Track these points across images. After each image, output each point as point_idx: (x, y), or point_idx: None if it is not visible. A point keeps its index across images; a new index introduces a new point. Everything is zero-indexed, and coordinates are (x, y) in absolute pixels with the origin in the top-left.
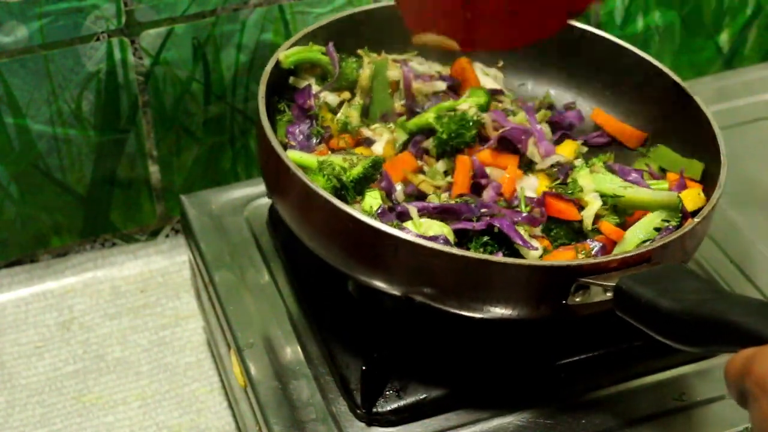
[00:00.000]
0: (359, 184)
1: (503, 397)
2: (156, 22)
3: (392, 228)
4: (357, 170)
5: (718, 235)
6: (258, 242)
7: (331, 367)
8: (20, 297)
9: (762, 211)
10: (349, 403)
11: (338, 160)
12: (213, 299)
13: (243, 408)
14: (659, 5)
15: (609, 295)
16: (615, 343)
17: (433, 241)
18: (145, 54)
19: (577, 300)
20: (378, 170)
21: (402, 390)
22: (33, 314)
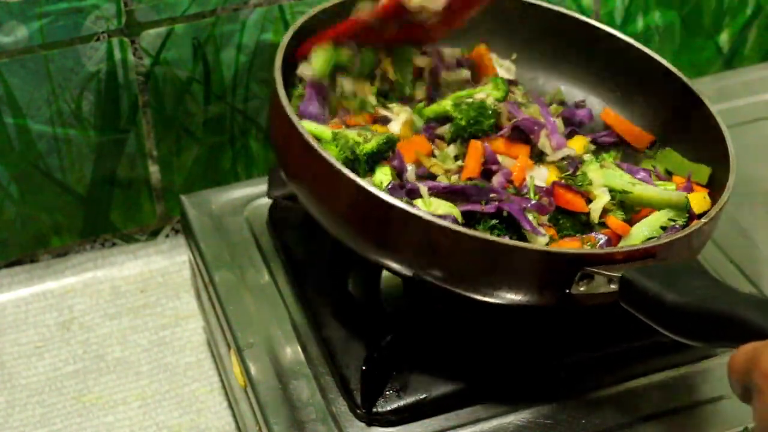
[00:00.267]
0: (371, 159)
1: (503, 397)
2: (156, 22)
3: (403, 203)
4: (371, 145)
5: (719, 236)
6: (258, 242)
7: (331, 367)
8: (20, 297)
9: (762, 211)
10: (349, 403)
11: (353, 134)
12: (213, 299)
13: (243, 408)
14: (659, 5)
15: (613, 287)
16: (615, 343)
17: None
18: (145, 54)
19: (581, 289)
20: (391, 148)
21: (402, 390)
22: (33, 314)
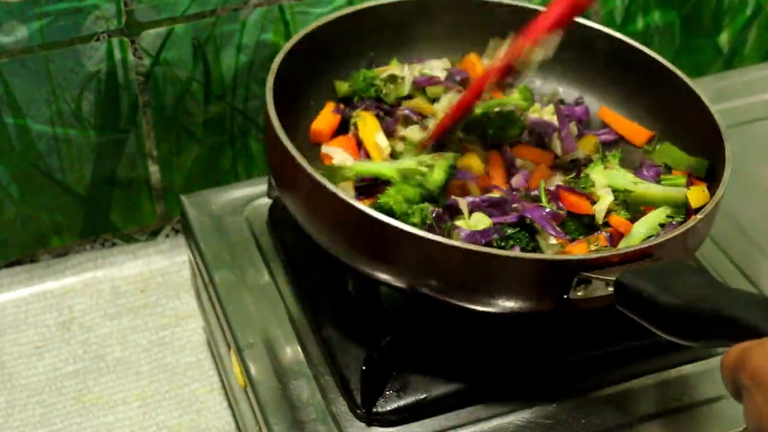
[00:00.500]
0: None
1: (503, 397)
2: (156, 22)
3: (395, 221)
4: (439, 176)
5: (718, 235)
6: (258, 242)
7: (331, 367)
8: (20, 297)
9: (762, 211)
10: (349, 403)
11: (412, 165)
12: (213, 299)
13: (243, 408)
14: (659, 5)
15: (610, 290)
16: (615, 343)
17: (484, 236)
18: (145, 54)
19: (579, 294)
20: (455, 171)
21: (402, 390)
22: (33, 314)
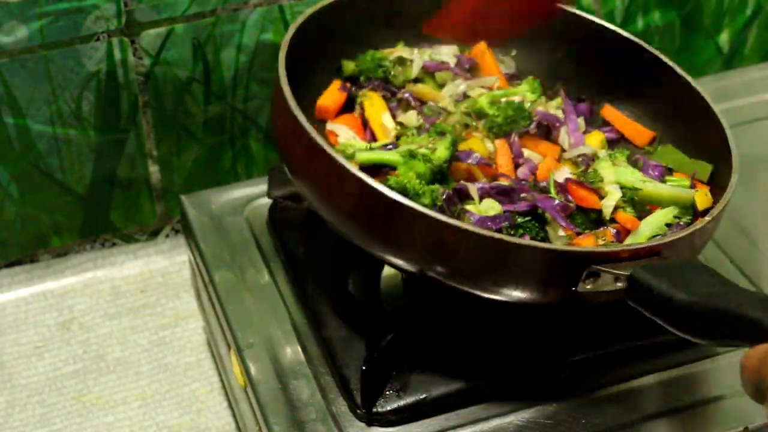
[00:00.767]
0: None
1: (503, 397)
2: (156, 22)
3: (409, 200)
4: (443, 154)
5: (719, 235)
6: (258, 242)
7: (331, 367)
8: (20, 297)
9: (762, 212)
10: (349, 403)
11: (414, 147)
12: (213, 299)
13: (243, 408)
14: (659, 5)
15: (619, 285)
16: (615, 343)
17: (495, 222)
18: (145, 54)
19: (588, 287)
20: (456, 147)
21: (402, 390)
22: (33, 314)
